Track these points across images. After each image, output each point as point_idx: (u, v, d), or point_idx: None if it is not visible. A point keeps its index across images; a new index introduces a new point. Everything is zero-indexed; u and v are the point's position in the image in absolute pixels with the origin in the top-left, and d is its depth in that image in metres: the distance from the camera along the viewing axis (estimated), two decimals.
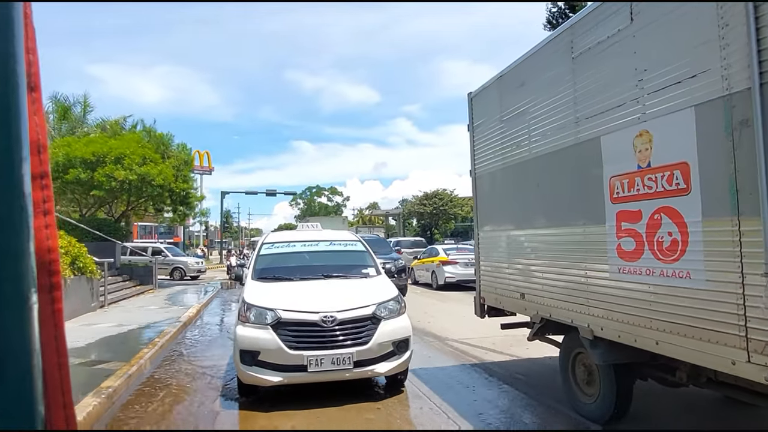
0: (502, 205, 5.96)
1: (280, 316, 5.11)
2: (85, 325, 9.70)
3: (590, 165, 4.24)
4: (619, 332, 3.96)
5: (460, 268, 15.27)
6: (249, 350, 5.06)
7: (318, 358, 4.97)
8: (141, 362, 6.59)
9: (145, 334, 8.89)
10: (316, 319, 5.08)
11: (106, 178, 15.83)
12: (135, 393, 5.75)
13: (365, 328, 5.20)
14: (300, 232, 7.61)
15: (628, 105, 3.79)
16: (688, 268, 3.29)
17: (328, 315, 5.10)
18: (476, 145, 6.54)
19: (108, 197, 17.63)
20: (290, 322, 5.10)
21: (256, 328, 5.12)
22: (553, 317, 4.89)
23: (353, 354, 5.04)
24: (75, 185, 16.22)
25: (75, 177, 15.67)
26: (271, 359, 5.01)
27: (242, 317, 5.27)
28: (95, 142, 16.96)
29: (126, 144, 17.13)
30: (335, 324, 5.09)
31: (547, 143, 4.90)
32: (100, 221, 17.56)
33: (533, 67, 5.21)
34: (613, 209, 3.98)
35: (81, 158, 15.94)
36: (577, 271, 4.46)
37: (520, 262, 5.52)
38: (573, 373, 4.92)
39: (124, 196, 17.90)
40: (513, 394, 5.52)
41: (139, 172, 16.26)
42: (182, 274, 23.83)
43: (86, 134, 19.81)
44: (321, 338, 5.06)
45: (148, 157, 17.07)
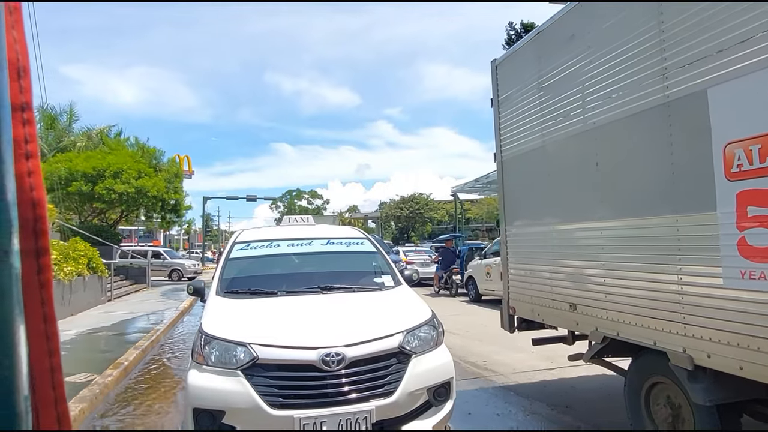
0: (543, 194, 4.78)
1: (256, 354, 3.36)
2: (104, 312, 12.09)
3: (689, 130, 3.09)
4: (741, 362, 2.79)
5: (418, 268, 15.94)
6: (208, 409, 3.30)
7: (317, 421, 3.20)
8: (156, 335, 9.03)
9: (152, 317, 11.36)
10: (314, 359, 3.35)
11: (107, 190, 18.02)
12: (158, 349, 8.32)
13: (389, 371, 3.49)
14: (286, 228, 5.56)
15: (760, 39, 2.64)
16: None
17: (332, 352, 3.36)
18: (503, 122, 5.37)
19: (107, 207, 19.90)
20: (273, 363, 3.39)
21: (219, 375, 3.36)
22: (621, 336, 3.72)
23: (372, 412, 3.30)
24: (77, 196, 18.20)
25: (77, 189, 17.70)
26: (243, 424, 3.27)
27: (198, 356, 3.49)
28: (94, 157, 18.89)
29: (123, 159, 19.22)
30: (343, 366, 3.36)
31: (614, 108, 3.74)
32: (99, 227, 19.35)
33: (589, 11, 4.05)
34: (732, 189, 2.82)
35: (82, 172, 17.94)
36: (666, 276, 3.29)
37: (570, 265, 4.34)
38: (647, 410, 3.75)
39: (122, 207, 20.06)
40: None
41: (135, 185, 18.53)
42: (180, 275, 24.59)
43: (73, 143, 21.69)
44: (321, 389, 3.36)
45: (142, 171, 19.34)
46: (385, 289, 4.50)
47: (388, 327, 3.65)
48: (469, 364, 6.60)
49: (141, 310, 12.71)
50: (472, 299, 13.91)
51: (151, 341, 8.45)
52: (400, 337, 3.56)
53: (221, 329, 3.58)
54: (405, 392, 3.41)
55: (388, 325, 3.67)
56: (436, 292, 16.22)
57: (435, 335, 3.79)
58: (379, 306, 4.13)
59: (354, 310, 4.00)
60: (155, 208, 20.92)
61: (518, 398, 5.23)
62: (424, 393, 3.53)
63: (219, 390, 3.29)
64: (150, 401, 5.56)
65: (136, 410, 5.29)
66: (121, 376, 6.29)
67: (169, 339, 9.37)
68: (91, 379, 5.80)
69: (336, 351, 3.36)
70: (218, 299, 4.16)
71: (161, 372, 6.96)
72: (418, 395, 3.49)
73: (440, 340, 3.85)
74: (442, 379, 3.62)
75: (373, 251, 5.08)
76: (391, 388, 3.40)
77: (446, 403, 3.64)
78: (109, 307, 13.37)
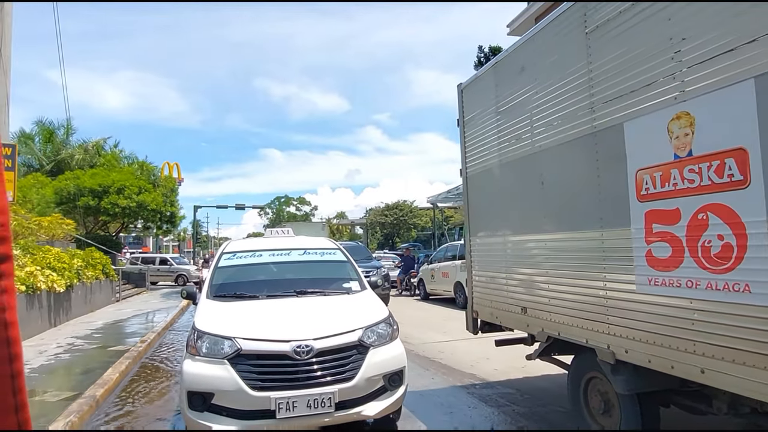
0: (500, 208, 5.28)
1: (240, 346, 4.04)
2: (117, 310, 14.47)
3: (610, 157, 3.60)
4: (650, 356, 3.29)
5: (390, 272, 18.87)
6: (200, 392, 3.96)
7: (290, 401, 3.88)
8: (165, 324, 11.51)
9: (158, 314, 13.58)
10: (287, 350, 4.02)
11: (111, 205, 20.37)
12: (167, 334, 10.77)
13: (350, 360, 4.16)
14: (268, 239, 6.30)
15: (662, 83, 3.15)
16: (747, 279, 2.64)
17: (303, 344, 4.05)
18: (468, 141, 5.88)
19: (111, 219, 22.48)
20: (254, 354, 4.05)
21: (209, 363, 4.04)
22: (562, 336, 4.21)
23: (335, 393, 3.97)
24: (83, 210, 20.44)
25: (85, 204, 20.00)
26: (229, 403, 3.94)
27: (191, 348, 4.17)
28: (98, 175, 21.23)
29: (125, 177, 21.68)
30: (312, 356, 4.04)
31: (555, 134, 4.25)
32: (104, 237, 21.69)
33: (536, 49, 4.57)
34: (641, 209, 3.33)
35: (89, 188, 20.22)
36: (594, 282, 3.79)
37: (522, 272, 4.84)
38: (585, 401, 4.24)
39: (125, 219, 22.58)
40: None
41: (137, 200, 20.99)
42: (185, 280, 25.68)
43: (71, 155, 23.76)
44: (293, 374, 4.01)
45: (143, 187, 21.81)
46: (352, 293, 5.18)
47: (350, 324, 4.32)
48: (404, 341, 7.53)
49: (147, 308, 15.06)
50: (422, 297, 16.51)
51: (163, 326, 11.16)
52: (360, 333, 4.26)
53: (211, 326, 4.24)
54: (363, 378, 4.09)
55: (350, 323, 4.34)
56: (399, 292, 18.47)
57: (390, 331, 4.47)
58: (345, 307, 4.81)
59: (323, 310, 4.68)
60: (154, 220, 23.47)
61: (433, 361, 7.31)
62: (380, 379, 4.20)
63: (209, 376, 3.95)
64: (166, 355, 8.75)
65: (158, 355, 8.73)
66: (147, 348, 9.09)
67: (172, 329, 11.68)
68: (132, 346, 8.74)
69: (306, 343, 4.05)
70: (208, 302, 4.83)
71: (172, 346, 9.59)
72: (375, 380, 4.17)
73: (395, 335, 4.51)
74: (396, 368, 4.31)
75: (344, 260, 5.77)
76: (352, 374, 4.07)
77: (399, 388, 4.32)
78: (119, 305, 15.75)
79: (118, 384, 6.65)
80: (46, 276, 9.99)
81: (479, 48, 21.19)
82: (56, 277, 10.39)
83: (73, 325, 11.21)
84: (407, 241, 38.97)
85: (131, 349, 8.48)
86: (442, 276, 15.02)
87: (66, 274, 11.13)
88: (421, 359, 7.50)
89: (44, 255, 10.94)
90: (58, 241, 13.65)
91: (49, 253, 11.17)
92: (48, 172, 23.17)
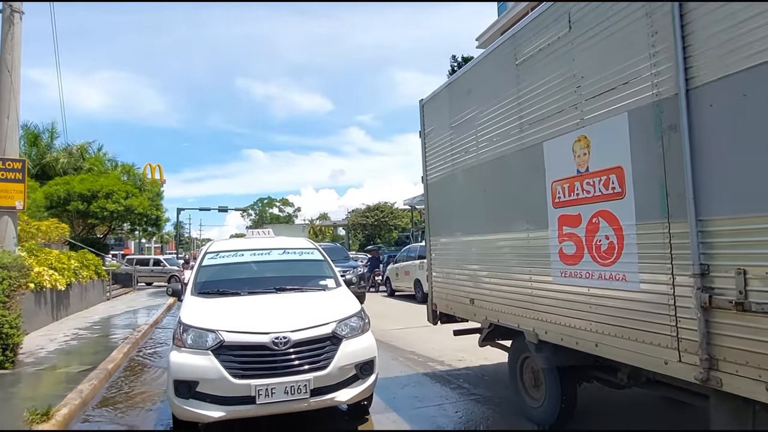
0: (453, 212, 5.97)
1: (223, 338, 4.36)
2: (110, 307, 15.66)
3: (533, 170, 4.29)
4: (562, 335, 4.00)
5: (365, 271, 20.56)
6: (185, 380, 4.29)
7: (268, 388, 4.22)
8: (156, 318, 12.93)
9: (148, 310, 14.91)
10: (266, 341, 4.35)
11: (100, 209, 21.39)
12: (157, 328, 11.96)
13: (324, 350, 4.50)
14: (249, 240, 6.73)
15: (568, 111, 3.86)
16: (624, 270, 3.35)
17: (281, 336, 4.39)
18: (428, 151, 6.55)
19: (100, 223, 23.53)
20: (235, 345, 4.37)
21: (194, 354, 4.37)
22: (501, 322, 4.91)
23: (310, 381, 4.31)
24: (72, 213, 21.49)
25: (75, 208, 21.09)
26: (213, 390, 4.25)
27: (177, 341, 4.52)
28: (87, 180, 22.18)
29: (112, 182, 22.86)
30: (289, 346, 4.37)
31: (493, 149, 4.94)
32: (93, 240, 23.01)
33: (479, 74, 5.26)
34: (555, 214, 4.04)
35: (78, 193, 21.17)
36: (523, 275, 4.49)
37: (469, 268, 5.53)
38: (521, 378, 4.94)
39: (113, 222, 23.90)
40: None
41: (124, 204, 22.07)
42: (177, 280, 27.69)
43: (55, 159, 24.36)
44: (272, 364, 4.33)
45: (130, 192, 22.94)
46: (327, 290, 5.62)
47: (324, 318, 4.70)
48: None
49: (136, 305, 16.38)
50: (389, 294, 18.21)
51: (154, 320, 12.58)
52: (333, 325, 4.63)
53: (196, 320, 4.59)
54: (336, 367, 4.46)
55: (324, 316, 4.72)
56: (366, 289, 20.24)
57: (362, 324, 4.89)
58: (320, 302, 5.22)
59: (300, 305, 5.09)
60: (140, 223, 25.02)
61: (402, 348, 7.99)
62: (352, 368, 4.58)
63: (194, 365, 4.30)
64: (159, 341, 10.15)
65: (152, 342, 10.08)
66: (142, 337, 10.27)
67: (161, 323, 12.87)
68: (129, 335, 9.93)
69: (283, 335, 4.40)
70: (193, 298, 5.20)
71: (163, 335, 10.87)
72: (347, 369, 4.54)
73: (366, 328, 4.93)
74: (367, 358, 4.71)
75: (321, 260, 6.20)
76: (326, 364, 4.43)
77: (370, 377, 4.74)
78: (111, 303, 17.06)
79: (123, 362, 8.02)
80: (50, 275, 10.81)
81: (452, 57, 22.35)
82: (58, 277, 11.29)
83: (74, 319, 12.26)
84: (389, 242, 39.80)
85: (129, 337, 9.76)
86: (404, 274, 16.54)
87: (66, 273, 12.09)
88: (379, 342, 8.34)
89: (46, 257, 11.79)
90: (54, 243, 14.29)
91: (50, 255, 12.08)
92: (33, 176, 23.41)
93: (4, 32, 8.64)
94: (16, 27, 8.67)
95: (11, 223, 9.13)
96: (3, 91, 8.72)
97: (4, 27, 8.63)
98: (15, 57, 8.68)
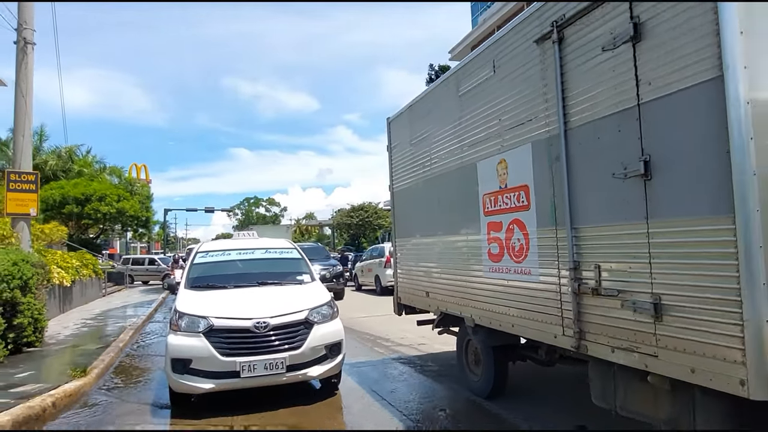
0: (413, 217, 6.89)
1: (212, 323, 5.17)
2: (107, 302, 17.19)
3: (471, 184, 5.21)
4: (491, 320, 4.93)
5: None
6: (181, 358, 5.09)
7: (251, 364, 5.03)
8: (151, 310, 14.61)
9: (144, 304, 16.33)
10: (249, 326, 5.17)
11: (93, 211, 23.36)
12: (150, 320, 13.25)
13: (298, 333, 5.33)
14: (236, 241, 7.76)
15: (493, 138, 4.78)
16: (529, 266, 4.28)
17: (261, 321, 5.19)
18: (393, 164, 7.46)
19: (93, 224, 25.53)
20: (223, 329, 5.17)
21: (188, 337, 5.16)
22: (448, 311, 5.83)
23: (286, 358, 5.14)
24: (66, 216, 23.05)
25: (70, 211, 22.89)
26: (204, 366, 5.04)
27: (174, 326, 5.34)
28: (81, 185, 24.23)
29: (105, 186, 25.25)
30: (268, 329, 5.19)
31: (443, 165, 5.86)
32: (87, 240, 25.03)
33: (433, 101, 6.17)
34: (485, 221, 4.96)
35: (73, 197, 23.02)
36: (463, 271, 5.41)
37: (425, 266, 6.45)
38: (465, 357, 5.87)
39: (106, 224, 26.00)
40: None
41: (116, 207, 24.12)
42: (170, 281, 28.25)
43: (44, 161, 25.58)
44: (254, 344, 5.12)
45: (121, 195, 25.17)
46: (303, 283, 6.56)
47: (299, 306, 5.60)
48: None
49: (131, 301, 17.96)
50: (356, 288, 20.37)
51: (150, 312, 14.26)
52: (306, 312, 5.53)
53: (189, 308, 5.47)
54: (309, 347, 5.36)
55: (299, 305, 5.63)
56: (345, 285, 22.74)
57: (331, 312, 5.81)
58: (296, 293, 6.13)
59: (278, 296, 5.98)
60: (131, 225, 27.39)
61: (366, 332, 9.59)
62: (322, 348, 5.50)
63: (188, 346, 5.16)
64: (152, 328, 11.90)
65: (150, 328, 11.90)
66: (145, 322, 12.45)
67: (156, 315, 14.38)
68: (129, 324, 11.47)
69: (264, 320, 5.26)
70: (186, 291, 6.08)
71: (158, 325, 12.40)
72: (318, 349, 5.47)
73: (335, 315, 5.86)
74: (335, 340, 5.64)
75: (298, 258, 7.16)
76: (300, 344, 5.32)
77: (338, 356, 5.66)
78: (107, 299, 18.64)
79: (130, 342, 9.73)
80: (58, 273, 12.01)
81: (430, 66, 23.44)
82: (65, 274, 12.54)
83: (78, 312, 13.77)
84: (373, 241, 40.80)
85: (130, 324, 11.37)
86: (367, 271, 18.94)
87: (70, 271, 13.44)
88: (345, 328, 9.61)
89: (53, 256, 12.94)
90: (55, 244, 15.16)
91: (56, 255, 13.33)
92: None
93: (19, 61, 9.67)
94: (28, 57, 9.71)
95: (26, 227, 10.31)
96: (18, 113, 9.78)
97: (18, 57, 9.66)
98: (28, 83, 9.71)
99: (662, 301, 2.99)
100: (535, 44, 4.09)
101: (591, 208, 3.58)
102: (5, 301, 7.37)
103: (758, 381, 2.49)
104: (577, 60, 3.65)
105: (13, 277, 7.49)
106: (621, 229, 3.29)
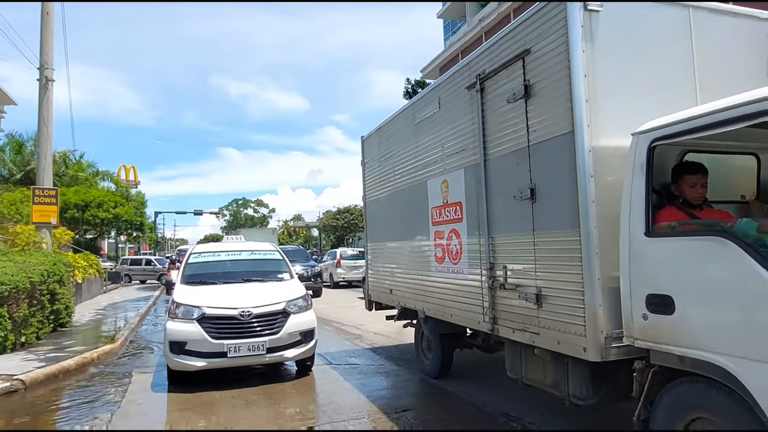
0: (381, 224, 7.93)
1: (204, 312, 6.20)
2: (110, 297, 19.26)
3: (422, 199, 6.25)
4: (436, 311, 5.96)
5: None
6: (177, 341, 6.12)
7: (236, 346, 6.09)
8: (148, 305, 16.23)
9: (142, 300, 18.44)
10: (235, 314, 6.20)
11: (92, 216, 25.69)
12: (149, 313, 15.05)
13: (277, 321, 6.37)
14: (225, 244, 9.04)
15: (438, 162, 5.83)
16: (463, 267, 5.32)
17: (245, 310, 6.25)
18: (366, 177, 8.50)
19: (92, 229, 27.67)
20: (213, 316, 6.18)
21: (183, 323, 6.20)
22: (406, 305, 6.86)
23: (266, 342, 6.19)
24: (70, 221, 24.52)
25: (71, 216, 24.55)
26: (197, 348, 6.07)
27: (171, 314, 6.38)
28: (80, 192, 26.23)
29: (103, 193, 27.64)
30: (251, 317, 6.22)
31: (403, 181, 6.90)
32: (86, 243, 26.60)
33: (397, 125, 7.22)
34: (432, 229, 6.00)
35: (74, 202, 25.00)
36: (417, 271, 6.45)
37: (390, 266, 7.49)
38: (420, 344, 6.90)
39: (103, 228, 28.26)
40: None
41: (113, 212, 26.52)
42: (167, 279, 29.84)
43: None
44: (239, 329, 6.16)
45: (118, 202, 27.44)
46: (283, 280, 7.65)
47: (278, 298, 6.68)
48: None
49: (131, 296, 19.95)
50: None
51: (150, 304, 16.48)
52: (284, 304, 6.61)
53: (185, 299, 6.52)
54: (286, 333, 6.45)
55: (278, 298, 6.70)
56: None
57: (306, 304, 6.89)
58: (276, 288, 7.20)
59: (261, 290, 7.05)
60: (127, 229, 29.85)
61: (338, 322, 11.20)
62: (297, 334, 6.58)
63: (184, 331, 6.22)
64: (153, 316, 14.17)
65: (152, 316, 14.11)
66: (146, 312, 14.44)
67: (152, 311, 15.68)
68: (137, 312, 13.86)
69: (248, 310, 6.33)
70: (182, 286, 7.14)
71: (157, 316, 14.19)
72: (294, 335, 6.55)
73: (309, 307, 6.95)
74: (309, 327, 6.74)
75: (280, 259, 8.29)
76: (278, 330, 6.39)
77: (311, 341, 6.74)
78: (108, 295, 20.59)
79: (139, 324, 12.24)
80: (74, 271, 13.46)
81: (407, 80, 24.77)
82: (76, 272, 14.00)
83: (88, 305, 15.72)
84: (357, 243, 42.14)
85: (135, 313, 13.57)
86: (324, 270, 22.61)
87: (80, 270, 15.01)
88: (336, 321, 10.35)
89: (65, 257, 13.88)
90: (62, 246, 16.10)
91: (68, 256, 14.57)
92: (18, 181, 24.87)
93: (41, 96, 11.55)
94: (49, 91, 11.66)
95: (48, 233, 12.56)
96: (41, 139, 11.80)
97: (41, 92, 11.59)
98: (49, 113, 11.53)
99: (542, 292, 4.04)
100: (466, 90, 5.14)
101: (500, 221, 4.63)
102: (49, 292, 9.58)
103: (593, 348, 3.53)
104: (493, 106, 4.70)
105: (54, 274, 9.82)
106: (518, 238, 4.35)
